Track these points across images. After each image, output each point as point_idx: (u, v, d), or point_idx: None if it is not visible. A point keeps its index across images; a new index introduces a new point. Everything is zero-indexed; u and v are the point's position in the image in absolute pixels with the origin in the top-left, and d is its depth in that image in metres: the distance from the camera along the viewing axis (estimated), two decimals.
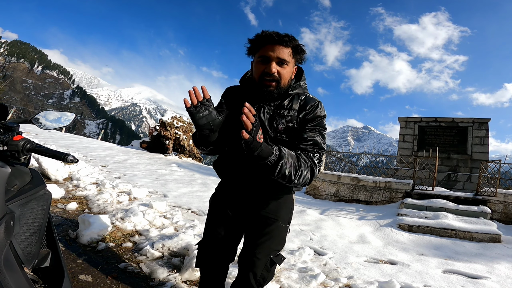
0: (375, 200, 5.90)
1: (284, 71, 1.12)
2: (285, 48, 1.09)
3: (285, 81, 1.14)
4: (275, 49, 1.08)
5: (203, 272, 1.37)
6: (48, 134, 10.56)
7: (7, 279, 0.65)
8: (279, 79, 1.11)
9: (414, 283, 2.38)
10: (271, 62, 1.09)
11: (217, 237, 1.29)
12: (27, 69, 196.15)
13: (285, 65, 1.11)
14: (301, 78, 1.23)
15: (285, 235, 1.31)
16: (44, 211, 0.90)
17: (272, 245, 1.25)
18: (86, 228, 2.46)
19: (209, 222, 1.35)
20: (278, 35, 1.08)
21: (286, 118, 1.17)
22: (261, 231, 1.24)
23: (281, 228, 1.27)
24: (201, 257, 1.35)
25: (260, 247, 1.23)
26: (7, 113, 0.94)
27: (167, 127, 11.17)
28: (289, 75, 1.16)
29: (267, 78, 1.10)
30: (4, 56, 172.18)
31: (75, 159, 0.88)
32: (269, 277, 1.28)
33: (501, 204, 5.06)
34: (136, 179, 5.40)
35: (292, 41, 1.10)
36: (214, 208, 1.35)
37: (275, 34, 1.08)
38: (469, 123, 8.67)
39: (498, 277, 2.71)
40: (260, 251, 1.23)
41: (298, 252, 2.80)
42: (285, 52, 1.09)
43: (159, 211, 3.41)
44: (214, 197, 1.37)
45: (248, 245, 1.28)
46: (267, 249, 1.24)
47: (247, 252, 1.27)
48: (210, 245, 1.31)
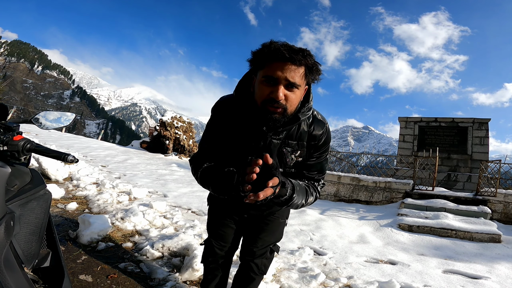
0: (375, 200, 5.90)
1: (293, 96, 0.91)
2: (297, 67, 0.88)
3: (293, 108, 0.95)
4: (285, 69, 0.86)
5: (209, 267, 1.41)
6: (48, 134, 10.57)
7: (7, 279, 0.65)
8: (286, 106, 0.91)
9: (414, 283, 2.38)
10: (278, 85, 0.88)
11: (222, 234, 1.34)
12: (27, 69, 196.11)
13: (295, 88, 0.90)
14: (309, 98, 1.03)
15: (283, 229, 1.42)
16: (44, 211, 0.90)
17: (272, 238, 1.36)
18: (86, 228, 2.46)
19: (213, 219, 1.37)
20: (291, 51, 0.86)
21: (295, 153, 1.08)
22: (262, 227, 1.33)
23: (280, 223, 1.37)
24: (208, 253, 1.39)
25: (261, 241, 1.34)
26: (7, 113, 0.94)
27: (167, 127, 11.18)
28: (298, 100, 0.96)
29: (272, 105, 0.90)
30: (4, 56, 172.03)
31: (75, 159, 0.88)
32: (269, 264, 1.42)
33: (501, 204, 5.06)
34: (136, 179, 5.40)
35: (307, 58, 0.88)
36: (215, 206, 1.37)
37: (286, 49, 0.86)
38: (469, 123, 8.66)
39: (498, 277, 2.71)
40: (261, 244, 1.34)
41: (298, 252, 2.80)
42: (297, 73, 0.88)
43: (159, 211, 3.41)
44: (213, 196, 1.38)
45: (249, 239, 1.36)
46: (268, 242, 1.35)
47: (249, 245, 1.35)
48: (217, 242, 1.35)
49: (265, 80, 0.90)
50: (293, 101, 0.92)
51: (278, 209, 1.31)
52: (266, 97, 0.90)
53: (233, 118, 1.06)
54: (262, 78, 0.91)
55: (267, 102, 0.90)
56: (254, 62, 0.94)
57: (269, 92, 0.90)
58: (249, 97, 1.01)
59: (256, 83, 0.95)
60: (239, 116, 1.05)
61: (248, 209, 1.27)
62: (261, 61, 0.91)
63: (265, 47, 0.89)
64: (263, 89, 0.91)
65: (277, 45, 0.88)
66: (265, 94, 0.90)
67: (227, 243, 1.36)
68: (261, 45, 0.91)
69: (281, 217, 1.36)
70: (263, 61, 0.90)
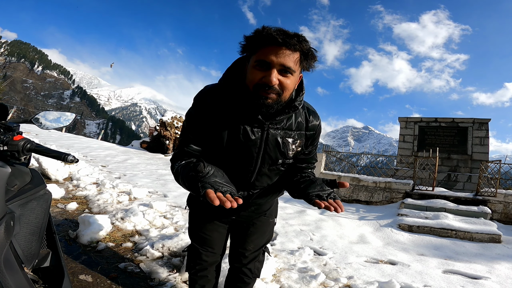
0: (375, 200, 5.90)
1: (288, 81, 0.87)
2: (292, 52, 0.85)
3: (287, 94, 0.91)
4: (279, 54, 0.83)
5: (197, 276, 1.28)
6: (48, 134, 10.57)
7: (7, 279, 0.65)
8: (280, 92, 0.88)
9: (414, 283, 2.38)
10: (271, 69, 0.84)
11: (209, 239, 1.23)
12: (27, 69, 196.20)
13: (289, 74, 0.87)
14: (302, 88, 1.01)
15: (273, 228, 1.37)
16: (44, 211, 0.90)
17: (264, 240, 1.31)
18: (86, 228, 2.46)
19: (197, 223, 1.24)
20: (285, 35, 0.83)
21: (296, 144, 1.04)
22: (252, 229, 1.26)
23: (270, 223, 1.32)
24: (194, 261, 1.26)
25: (253, 244, 1.27)
26: (7, 113, 0.94)
27: (167, 127, 11.18)
28: (293, 86, 0.92)
29: (265, 90, 0.86)
30: (5, 56, 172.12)
31: (75, 159, 0.88)
32: (262, 266, 1.37)
33: (501, 204, 5.06)
34: (136, 179, 5.40)
35: (302, 43, 0.85)
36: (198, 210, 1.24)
37: (280, 33, 0.83)
38: (469, 123, 8.66)
39: (498, 277, 2.71)
40: (253, 247, 1.28)
41: (298, 252, 2.80)
42: (291, 58, 0.85)
43: (159, 211, 3.41)
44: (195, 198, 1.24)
45: (239, 242, 1.28)
46: (259, 245, 1.30)
47: (240, 249, 1.27)
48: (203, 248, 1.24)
49: (257, 65, 0.86)
50: (287, 87, 0.88)
51: (268, 207, 1.27)
52: (258, 81, 0.86)
53: (222, 107, 0.96)
54: (254, 63, 0.87)
55: (259, 86, 0.86)
56: (246, 46, 0.89)
57: (261, 76, 0.86)
58: (240, 84, 0.94)
59: (248, 68, 0.90)
60: (229, 104, 0.95)
61: (237, 211, 1.17)
62: (254, 45, 0.87)
63: (258, 31, 0.85)
64: (255, 74, 0.87)
65: (270, 29, 0.84)
66: (257, 78, 0.86)
67: (215, 248, 1.25)
68: (253, 30, 0.87)
69: (270, 216, 1.31)
70: (256, 46, 0.86)
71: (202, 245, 1.23)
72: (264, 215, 1.27)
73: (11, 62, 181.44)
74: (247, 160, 1.00)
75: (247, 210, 1.17)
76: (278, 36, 0.82)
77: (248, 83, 0.90)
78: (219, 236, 1.25)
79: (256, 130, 0.96)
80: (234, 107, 0.95)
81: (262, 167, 1.03)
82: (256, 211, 1.22)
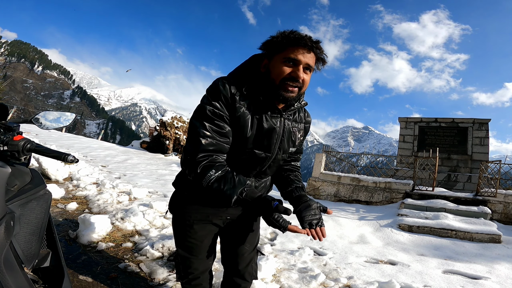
0: (375, 200, 5.90)
1: (308, 78, 1.03)
2: (314, 55, 1.01)
3: (304, 90, 1.06)
4: (306, 54, 0.98)
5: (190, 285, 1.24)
6: (48, 134, 10.57)
7: (7, 279, 0.65)
8: (301, 86, 1.02)
9: (414, 283, 2.38)
10: (299, 66, 0.98)
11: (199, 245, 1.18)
12: (27, 69, 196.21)
13: (309, 72, 1.02)
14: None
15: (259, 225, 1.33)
16: (44, 211, 0.90)
17: (257, 237, 1.31)
18: (86, 228, 2.46)
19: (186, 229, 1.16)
20: (312, 41, 0.99)
21: (300, 134, 1.18)
22: (246, 228, 1.24)
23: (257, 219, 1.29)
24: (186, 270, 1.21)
25: (249, 242, 1.25)
26: (7, 113, 0.94)
27: (167, 127, 11.18)
28: (308, 84, 1.07)
29: (291, 83, 0.98)
30: (5, 56, 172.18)
31: (75, 159, 0.88)
32: (257, 267, 1.37)
33: (501, 204, 5.06)
34: (136, 179, 5.40)
35: (321, 50, 1.02)
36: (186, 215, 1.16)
37: (308, 38, 0.99)
38: (469, 123, 8.66)
39: (498, 277, 2.71)
40: (249, 246, 1.25)
41: (298, 252, 2.80)
42: (313, 59, 1.01)
43: (159, 211, 3.41)
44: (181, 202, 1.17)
45: (234, 243, 1.23)
46: (254, 243, 1.29)
47: (236, 249, 1.23)
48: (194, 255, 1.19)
49: (286, 61, 0.98)
50: (306, 83, 1.03)
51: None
52: (286, 75, 0.98)
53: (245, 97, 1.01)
54: (283, 59, 0.98)
55: (286, 79, 0.98)
56: (274, 44, 1.00)
57: (290, 71, 0.98)
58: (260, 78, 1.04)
59: (274, 64, 1.00)
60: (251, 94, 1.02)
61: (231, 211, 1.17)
62: (284, 45, 0.98)
63: (287, 33, 0.98)
64: (284, 69, 0.98)
65: (300, 34, 0.99)
66: (286, 72, 0.98)
67: (206, 254, 1.20)
68: (280, 32, 1.00)
69: None
70: (286, 45, 0.98)
71: (192, 253, 1.18)
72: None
73: (11, 62, 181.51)
74: (268, 146, 1.08)
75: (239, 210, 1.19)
76: (308, 41, 0.98)
77: (274, 76, 1.00)
78: (210, 241, 1.20)
79: (275, 119, 1.07)
80: (256, 97, 1.03)
81: (278, 154, 1.12)
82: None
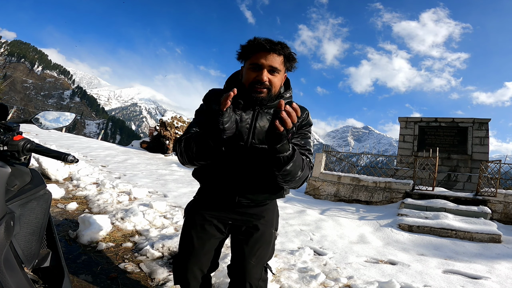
0: (375, 200, 5.90)
1: (275, 79, 1.11)
2: (277, 56, 1.08)
3: (276, 89, 1.14)
4: (268, 57, 1.07)
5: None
6: (48, 134, 10.57)
7: (7, 279, 0.65)
8: (270, 87, 1.10)
9: (414, 283, 2.38)
10: (262, 70, 1.07)
11: (200, 249, 1.21)
12: (27, 69, 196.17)
13: (276, 73, 1.10)
14: (289, 87, 1.24)
15: (274, 242, 1.32)
16: (44, 211, 0.90)
17: (264, 252, 1.25)
18: (86, 228, 2.46)
19: (188, 233, 1.23)
20: (271, 43, 1.07)
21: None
22: (253, 239, 1.22)
23: (271, 234, 1.27)
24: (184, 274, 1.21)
25: (255, 256, 1.21)
26: (7, 113, 0.94)
27: (167, 127, 11.18)
28: (280, 83, 1.16)
29: (258, 86, 1.09)
30: (5, 56, 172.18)
31: (75, 159, 0.88)
32: (266, 285, 1.28)
33: (501, 204, 5.06)
34: (136, 179, 5.40)
35: (285, 49, 1.10)
36: (194, 216, 1.25)
37: (267, 42, 1.07)
38: (469, 123, 8.66)
39: (498, 277, 2.71)
40: (255, 260, 1.22)
41: (298, 252, 2.80)
42: (277, 60, 1.08)
43: (159, 211, 3.41)
44: (193, 205, 1.29)
45: (240, 254, 1.23)
46: (261, 258, 1.23)
47: (241, 261, 1.22)
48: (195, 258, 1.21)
49: (251, 67, 1.09)
50: (275, 83, 1.12)
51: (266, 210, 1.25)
52: (252, 80, 1.09)
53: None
54: (249, 65, 1.10)
55: (253, 83, 1.09)
56: (242, 53, 1.13)
57: (255, 75, 1.09)
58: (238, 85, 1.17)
59: (244, 70, 1.13)
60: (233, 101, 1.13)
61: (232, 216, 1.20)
62: (248, 52, 1.10)
63: (251, 41, 1.10)
64: (250, 74, 1.10)
65: (260, 39, 1.08)
66: (252, 77, 1.09)
67: (209, 259, 1.23)
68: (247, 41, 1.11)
69: (271, 224, 1.27)
70: (250, 52, 1.10)
71: (195, 255, 1.20)
72: (264, 219, 1.24)
73: (11, 62, 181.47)
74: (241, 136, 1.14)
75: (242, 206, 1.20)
76: (266, 44, 1.06)
77: (244, 82, 1.13)
78: (212, 246, 1.23)
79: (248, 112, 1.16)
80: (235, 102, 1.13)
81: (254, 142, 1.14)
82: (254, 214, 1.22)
